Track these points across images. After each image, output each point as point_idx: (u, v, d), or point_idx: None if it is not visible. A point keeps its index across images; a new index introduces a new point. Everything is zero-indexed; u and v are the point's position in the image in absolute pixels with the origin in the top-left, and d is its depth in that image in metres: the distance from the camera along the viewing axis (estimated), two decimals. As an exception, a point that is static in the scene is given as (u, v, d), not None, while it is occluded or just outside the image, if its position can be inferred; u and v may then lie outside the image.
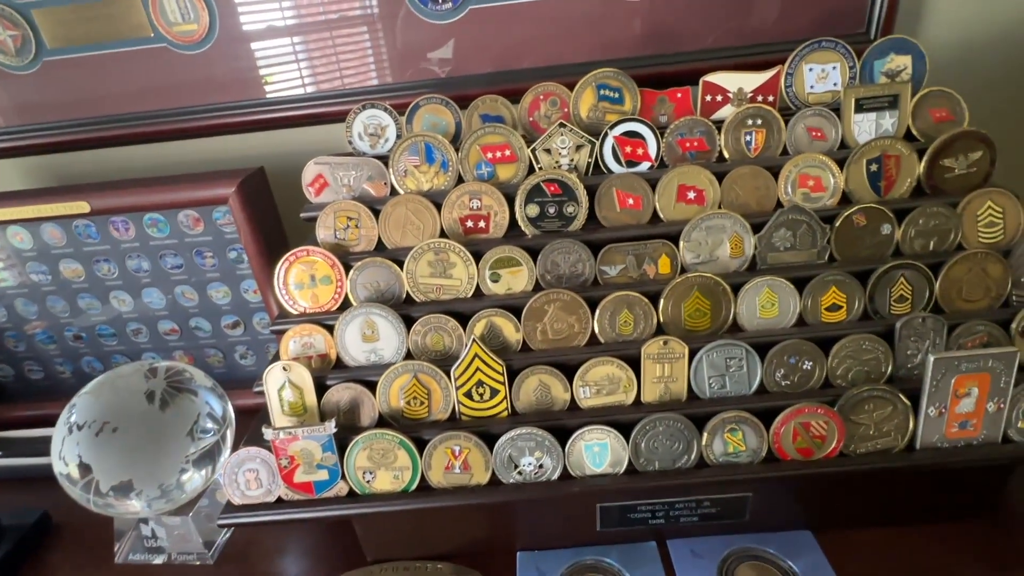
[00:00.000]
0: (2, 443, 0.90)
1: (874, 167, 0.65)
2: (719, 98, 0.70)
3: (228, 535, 0.73)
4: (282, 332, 0.66)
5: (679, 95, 0.70)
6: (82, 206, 0.81)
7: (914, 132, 0.67)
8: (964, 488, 0.64)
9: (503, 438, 0.60)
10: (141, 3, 0.84)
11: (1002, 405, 0.57)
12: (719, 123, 0.68)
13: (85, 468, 0.62)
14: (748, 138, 0.68)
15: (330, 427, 0.60)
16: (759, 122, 0.67)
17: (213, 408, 0.69)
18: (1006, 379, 0.57)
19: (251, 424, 0.67)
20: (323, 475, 0.61)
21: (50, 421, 0.72)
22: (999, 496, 0.65)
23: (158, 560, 0.71)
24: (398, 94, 0.86)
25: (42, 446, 0.86)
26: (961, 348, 0.60)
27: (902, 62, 0.69)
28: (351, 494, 0.62)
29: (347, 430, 0.63)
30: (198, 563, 0.70)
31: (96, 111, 0.90)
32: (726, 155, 0.68)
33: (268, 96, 0.89)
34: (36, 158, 0.96)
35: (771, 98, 0.70)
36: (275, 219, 0.90)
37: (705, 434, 0.59)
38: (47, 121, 0.92)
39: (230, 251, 0.89)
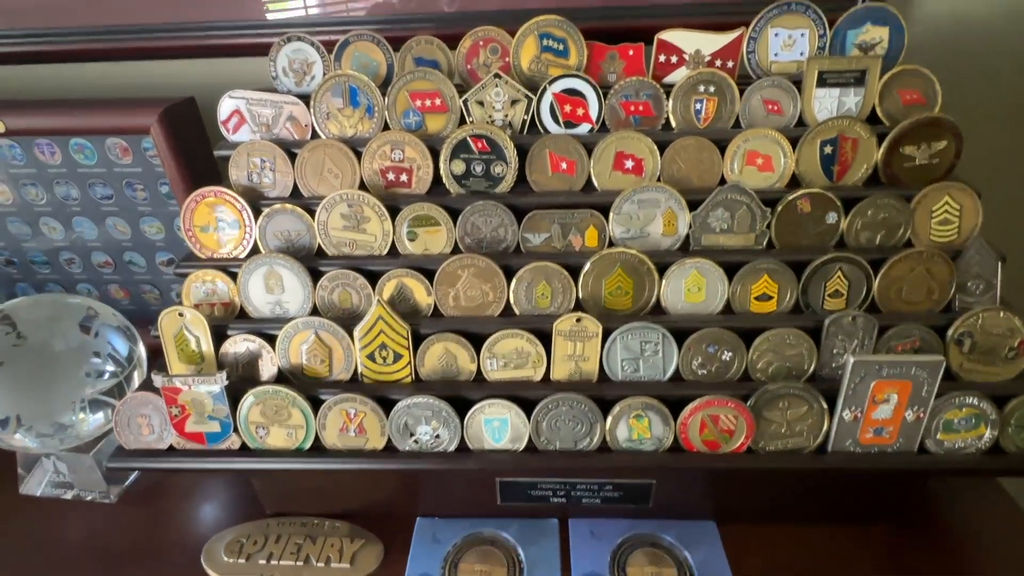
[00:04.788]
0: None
1: (828, 149, 0.60)
2: (674, 59, 0.64)
3: (135, 476, 0.72)
4: (186, 276, 0.63)
5: (631, 52, 0.64)
6: (-4, 124, 0.76)
7: (879, 114, 0.62)
8: (876, 492, 0.62)
9: (399, 405, 0.57)
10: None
11: (922, 414, 0.55)
12: (670, 87, 0.63)
13: (-28, 400, 0.60)
14: (698, 106, 0.62)
15: (221, 379, 0.57)
16: (711, 89, 0.62)
17: (116, 349, 0.66)
18: (928, 388, 0.53)
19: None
20: (215, 427, 0.59)
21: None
22: (912, 502, 0.63)
23: (63, 495, 0.71)
24: (387, 27, 0.78)
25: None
26: (891, 351, 0.57)
27: (878, 34, 0.63)
28: (244, 447, 0.60)
29: (246, 382, 0.60)
30: (101, 501, 0.70)
31: (11, 23, 0.83)
32: (673, 123, 0.63)
33: (212, 20, 0.83)
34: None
35: (731, 63, 0.64)
36: (207, 154, 0.85)
37: (609, 418, 0.57)
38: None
39: (162, 185, 0.84)
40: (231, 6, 0.81)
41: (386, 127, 0.64)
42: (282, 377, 0.61)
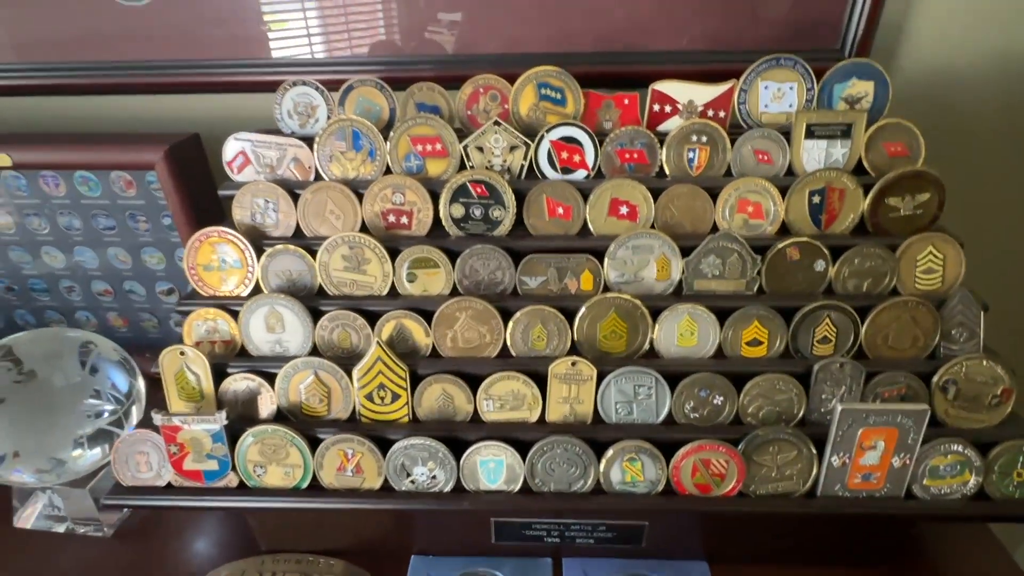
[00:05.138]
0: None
1: (817, 199, 0.62)
2: (668, 108, 0.66)
3: (129, 511, 0.72)
4: (188, 313, 0.64)
5: (626, 101, 0.67)
6: (3, 159, 0.77)
7: (866, 165, 0.64)
8: (865, 535, 0.62)
9: (397, 446, 0.58)
10: (81, -54, 0.79)
11: (908, 461, 0.56)
12: (664, 136, 0.65)
13: (-29, 436, 0.60)
14: (691, 155, 0.64)
15: (221, 419, 0.58)
16: (704, 139, 0.64)
17: (116, 384, 0.67)
18: (914, 436, 0.55)
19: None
20: (213, 465, 0.60)
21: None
22: (901, 546, 0.64)
23: (58, 528, 0.71)
24: (389, 68, 0.81)
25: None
26: (878, 397, 0.58)
27: (864, 88, 0.65)
28: (241, 485, 0.61)
29: (244, 420, 0.61)
30: (95, 535, 0.70)
31: (26, 57, 0.85)
32: (666, 171, 0.65)
33: (218, 58, 0.84)
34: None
35: (722, 114, 0.66)
36: (211, 189, 0.86)
37: (603, 461, 0.58)
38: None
39: (164, 217, 0.86)
40: (238, 45, 0.83)
41: (388, 170, 0.66)
42: (280, 415, 0.62)
